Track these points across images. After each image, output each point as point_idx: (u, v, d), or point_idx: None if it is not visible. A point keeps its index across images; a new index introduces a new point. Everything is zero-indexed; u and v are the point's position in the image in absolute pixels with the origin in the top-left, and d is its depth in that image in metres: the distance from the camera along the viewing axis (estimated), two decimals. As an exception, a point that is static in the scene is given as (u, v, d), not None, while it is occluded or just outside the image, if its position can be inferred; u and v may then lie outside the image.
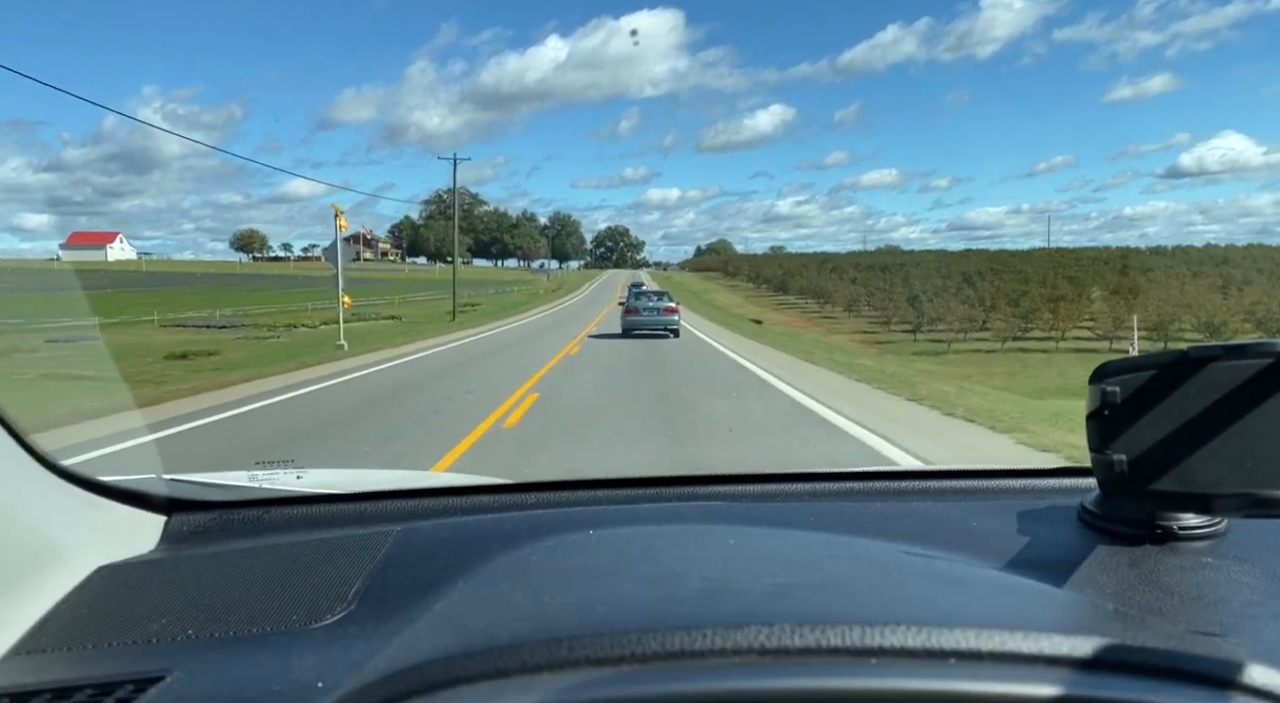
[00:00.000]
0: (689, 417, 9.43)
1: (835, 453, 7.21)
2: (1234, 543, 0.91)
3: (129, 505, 1.07)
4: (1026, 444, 7.59)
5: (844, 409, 9.76)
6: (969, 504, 1.15)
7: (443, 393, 11.59)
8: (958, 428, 8.76)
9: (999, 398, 12.99)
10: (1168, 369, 0.81)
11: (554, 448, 7.46)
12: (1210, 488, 0.79)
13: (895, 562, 0.84)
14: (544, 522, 1.04)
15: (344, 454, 7.19)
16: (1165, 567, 0.86)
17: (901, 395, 11.47)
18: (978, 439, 8.03)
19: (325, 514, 1.17)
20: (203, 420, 9.07)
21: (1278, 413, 0.76)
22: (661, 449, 7.41)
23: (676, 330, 23.93)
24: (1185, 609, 0.77)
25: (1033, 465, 1.36)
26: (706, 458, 6.92)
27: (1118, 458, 0.83)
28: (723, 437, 8.07)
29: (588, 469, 6.22)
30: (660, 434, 8.27)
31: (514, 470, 5.99)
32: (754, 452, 7.29)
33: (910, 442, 7.60)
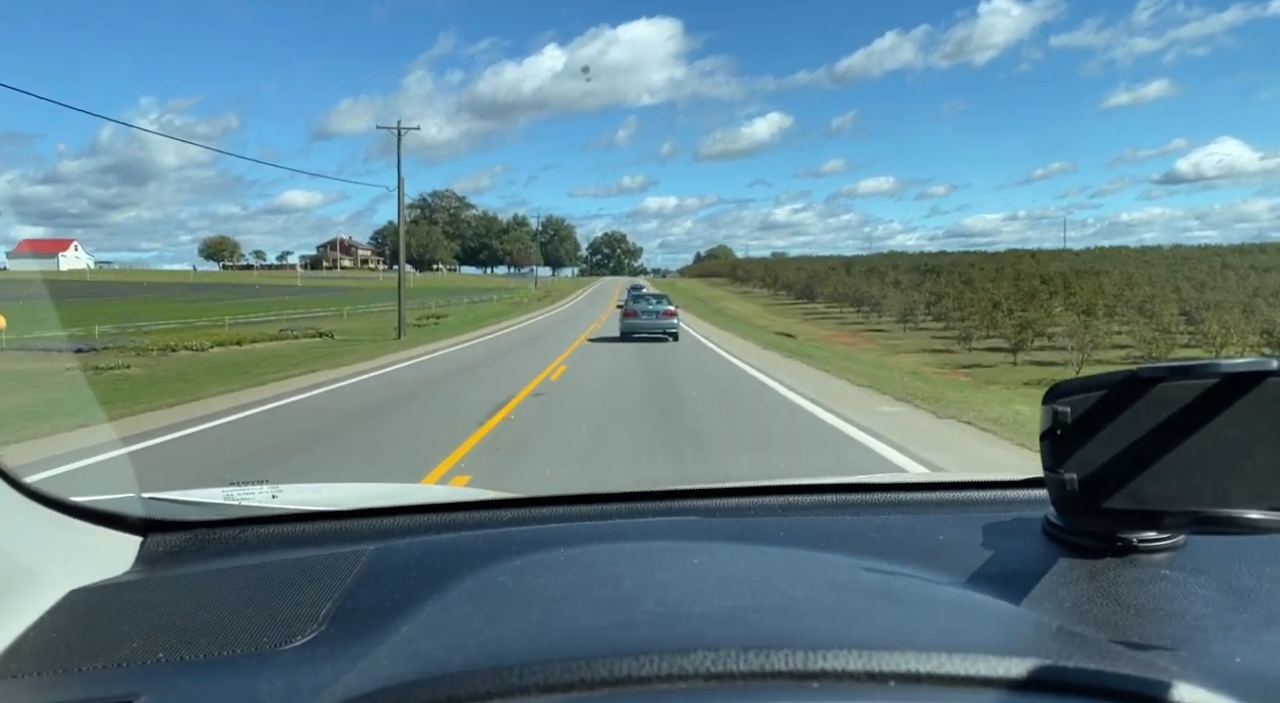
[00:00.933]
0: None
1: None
2: (1192, 555, 0.93)
3: (104, 526, 1.06)
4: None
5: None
6: (937, 517, 1.16)
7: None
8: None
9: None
10: (1118, 389, 0.83)
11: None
12: (1160, 505, 0.81)
13: (851, 581, 0.86)
14: (515, 540, 1.05)
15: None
16: (1124, 580, 0.88)
17: None
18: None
19: (301, 533, 1.16)
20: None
21: (1224, 432, 0.78)
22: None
23: (676, 334, 23.92)
24: (1139, 623, 0.79)
25: (1007, 477, 1.35)
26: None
27: (1069, 477, 0.85)
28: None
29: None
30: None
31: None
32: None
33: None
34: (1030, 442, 7.75)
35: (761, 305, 61.03)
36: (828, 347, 28.14)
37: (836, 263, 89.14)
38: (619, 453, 7.66)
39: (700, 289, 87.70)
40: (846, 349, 28.93)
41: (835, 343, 32.66)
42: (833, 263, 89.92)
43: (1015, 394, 15.61)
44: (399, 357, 19.72)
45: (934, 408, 10.62)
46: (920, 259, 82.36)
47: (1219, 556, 0.94)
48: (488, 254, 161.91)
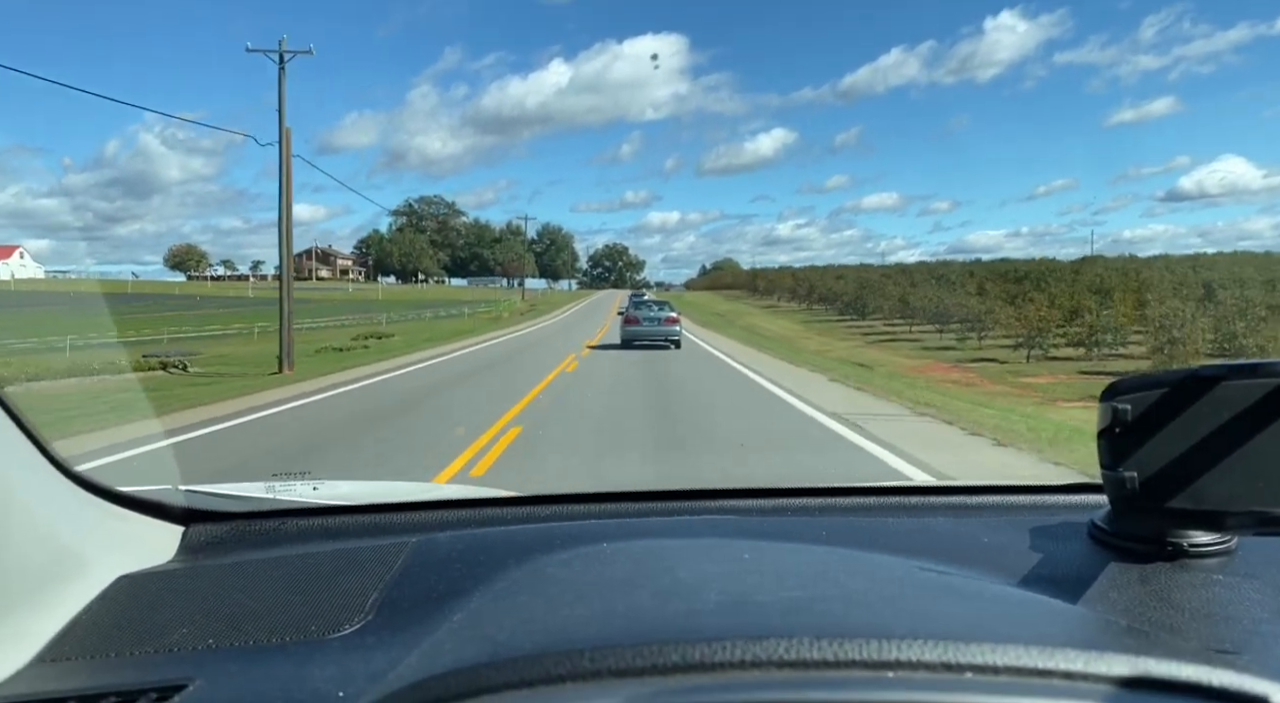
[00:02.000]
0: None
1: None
2: (1244, 560, 0.92)
3: (148, 516, 1.09)
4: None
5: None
6: (981, 520, 1.16)
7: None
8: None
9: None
10: (1177, 387, 0.82)
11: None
12: (1221, 506, 0.80)
13: (910, 577, 0.86)
14: (558, 534, 1.05)
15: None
16: (1176, 584, 0.87)
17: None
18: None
19: (341, 526, 1.18)
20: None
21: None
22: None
23: (678, 341, 23.94)
24: (1196, 626, 0.78)
25: (1044, 482, 1.33)
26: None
27: (1129, 475, 0.84)
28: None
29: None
30: None
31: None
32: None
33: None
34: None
35: (798, 322, 49.85)
36: (939, 388, 17.03)
37: (891, 270, 77.02)
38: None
39: (715, 302, 76.60)
40: (970, 391, 17.65)
41: (942, 380, 21.06)
42: (886, 270, 77.94)
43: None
44: (225, 410, 11.43)
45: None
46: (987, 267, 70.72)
47: (1270, 561, 0.91)
48: (479, 264, 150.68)
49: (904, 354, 31.40)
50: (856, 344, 35.56)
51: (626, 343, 23.87)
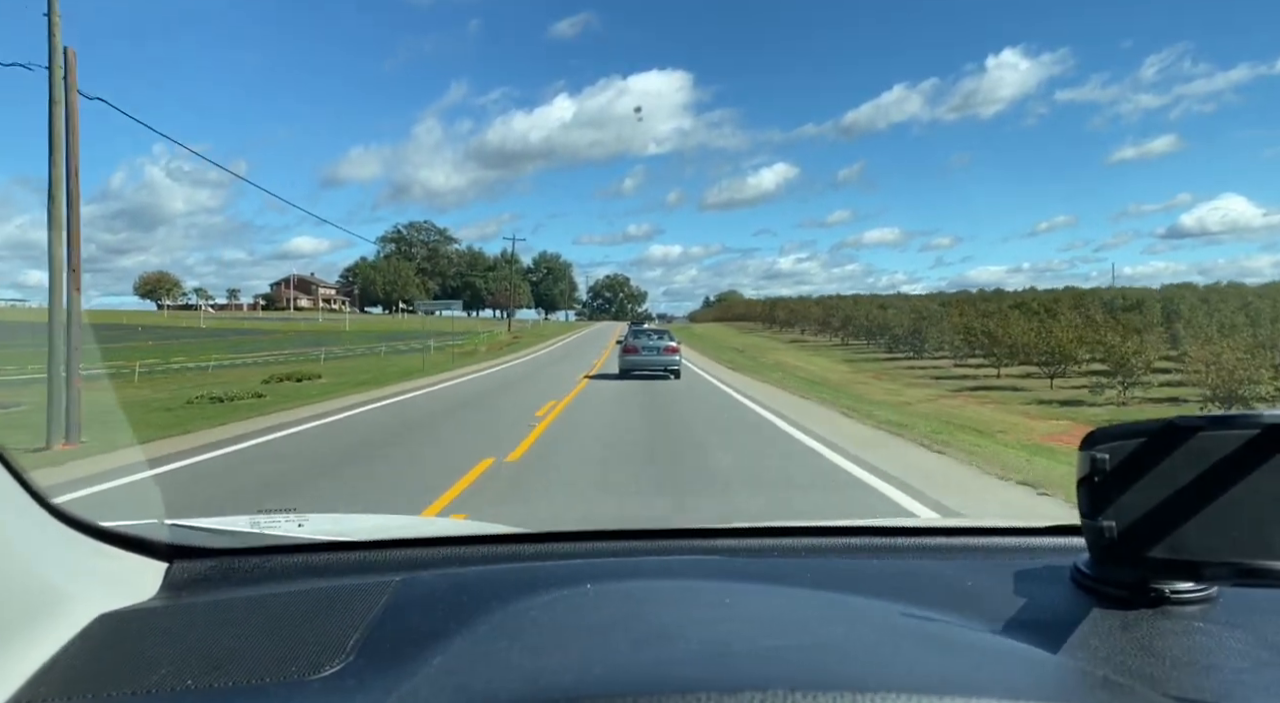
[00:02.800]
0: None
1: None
2: (1226, 608, 0.93)
3: (131, 551, 1.08)
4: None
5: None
6: (963, 562, 1.16)
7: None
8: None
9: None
10: (1156, 437, 0.83)
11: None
12: (1199, 556, 0.81)
13: (888, 623, 0.87)
14: (541, 575, 1.06)
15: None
16: (1158, 631, 0.88)
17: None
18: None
19: (326, 563, 1.18)
20: None
21: (1265, 484, 0.78)
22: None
23: (678, 371, 23.13)
24: (1177, 676, 0.78)
25: (1029, 524, 1.35)
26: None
27: (1108, 525, 0.85)
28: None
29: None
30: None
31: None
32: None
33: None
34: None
35: (840, 361, 40.87)
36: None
37: (948, 299, 67.55)
38: None
39: (728, 335, 67.71)
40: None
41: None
42: (942, 299, 68.27)
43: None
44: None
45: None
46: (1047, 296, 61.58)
47: (1253, 609, 0.93)
48: (471, 294, 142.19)
49: (1016, 409, 22.31)
50: (935, 392, 26.51)
51: (625, 372, 22.95)
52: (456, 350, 46.23)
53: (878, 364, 38.41)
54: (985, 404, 23.81)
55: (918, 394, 25.62)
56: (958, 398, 24.95)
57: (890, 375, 32.61)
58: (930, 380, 30.91)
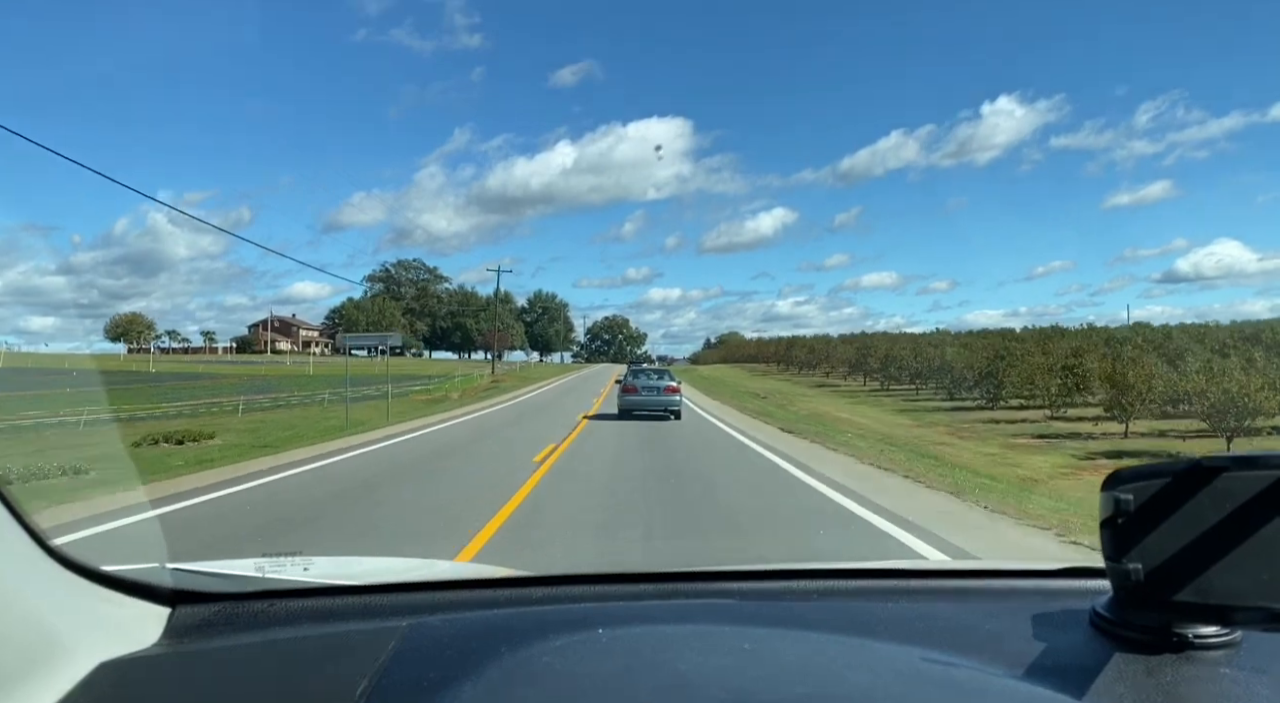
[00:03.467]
0: None
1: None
2: (1251, 653, 0.90)
3: (133, 597, 1.05)
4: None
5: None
6: (982, 605, 1.15)
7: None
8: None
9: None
10: (1180, 478, 0.81)
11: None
12: (1228, 600, 0.79)
13: (912, 669, 0.86)
14: (551, 619, 1.04)
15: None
16: (1182, 677, 0.85)
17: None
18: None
19: (332, 607, 1.15)
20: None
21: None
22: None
23: (678, 412, 22.10)
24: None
25: (1044, 565, 1.33)
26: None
27: (1134, 567, 0.83)
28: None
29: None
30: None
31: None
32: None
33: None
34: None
35: (892, 410, 32.94)
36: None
37: (1027, 335, 55.82)
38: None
39: (741, 377, 60.10)
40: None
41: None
42: (1022, 335, 55.96)
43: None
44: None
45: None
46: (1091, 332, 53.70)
47: (1277, 654, 0.90)
48: (462, 335, 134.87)
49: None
50: (1060, 459, 18.66)
51: (624, 413, 22.13)
52: (424, 397, 38.83)
53: (944, 415, 30.71)
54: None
55: (1041, 463, 18.00)
56: (1101, 470, 17.33)
57: (972, 432, 25.07)
58: (1034, 439, 23.31)
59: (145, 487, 11.01)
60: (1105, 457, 20.01)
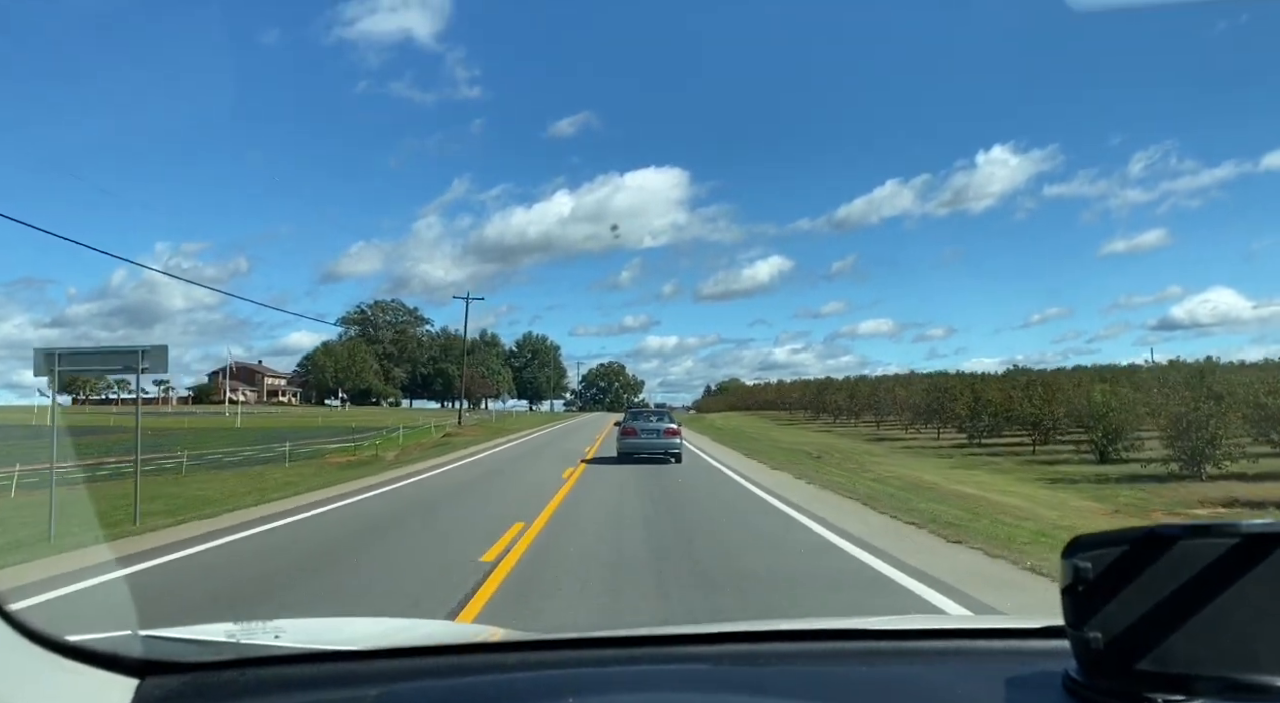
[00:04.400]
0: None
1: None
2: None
3: (100, 668, 1.02)
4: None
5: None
6: (956, 667, 1.15)
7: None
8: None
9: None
10: (1136, 545, 0.82)
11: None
12: (1188, 669, 0.79)
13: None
14: (521, 688, 1.06)
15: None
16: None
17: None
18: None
19: (303, 676, 1.14)
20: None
21: (1250, 594, 0.77)
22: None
23: (679, 455, 21.21)
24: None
25: (1020, 623, 1.31)
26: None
27: (1093, 635, 0.84)
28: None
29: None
30: None
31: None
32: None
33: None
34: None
35: (1029, 479, 21.63)
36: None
37: (1168, 369, 40.19)
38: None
39: (767, 427, 49.32)
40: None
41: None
42: (1168, 370, 40.56)
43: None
44: None
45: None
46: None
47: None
48: (443, 382, 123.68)
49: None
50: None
51: (624, 455, 21.17)
52: (344, 457, 27.98)
53: (1108, 488, 19.44)
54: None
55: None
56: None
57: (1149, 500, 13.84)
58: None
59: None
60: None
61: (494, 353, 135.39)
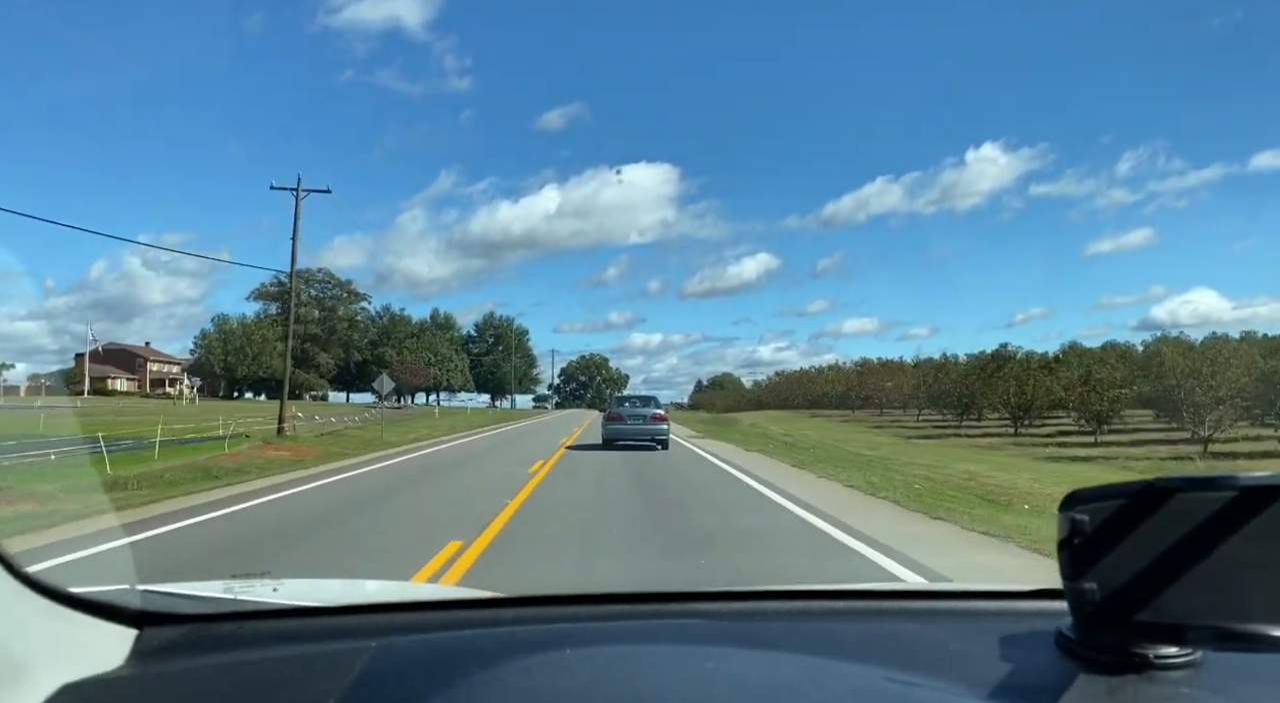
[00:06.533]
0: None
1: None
2: (1210, 674, 0.93)
3: (99, 618, 1.05)
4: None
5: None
6: (947, 626, 1.19)
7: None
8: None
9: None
10: (1135, 499, 0.84)
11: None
12: (1183, 619, 0.81)
13: (873, 688, 0.89)
14: (520, 640, 1.07)
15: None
16: (1142, 697, 0.88)
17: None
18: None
19: (301, 629, 1.16)
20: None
21: (1245, 547, 0.78)
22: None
23: (665, 442, 21.47)
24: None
25: (1012, 587, 1.35)
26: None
27: (1089, 587, 0.86)
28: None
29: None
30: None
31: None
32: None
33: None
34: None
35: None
36: None
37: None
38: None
39: (795, 424, 28.61)
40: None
41: None
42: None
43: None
44: None
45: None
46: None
47: (1237, 675, 0.93)
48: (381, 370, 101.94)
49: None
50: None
51: (609, 442, 21.38)
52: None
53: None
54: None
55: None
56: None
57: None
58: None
59: None
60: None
61: (446, 337, 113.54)
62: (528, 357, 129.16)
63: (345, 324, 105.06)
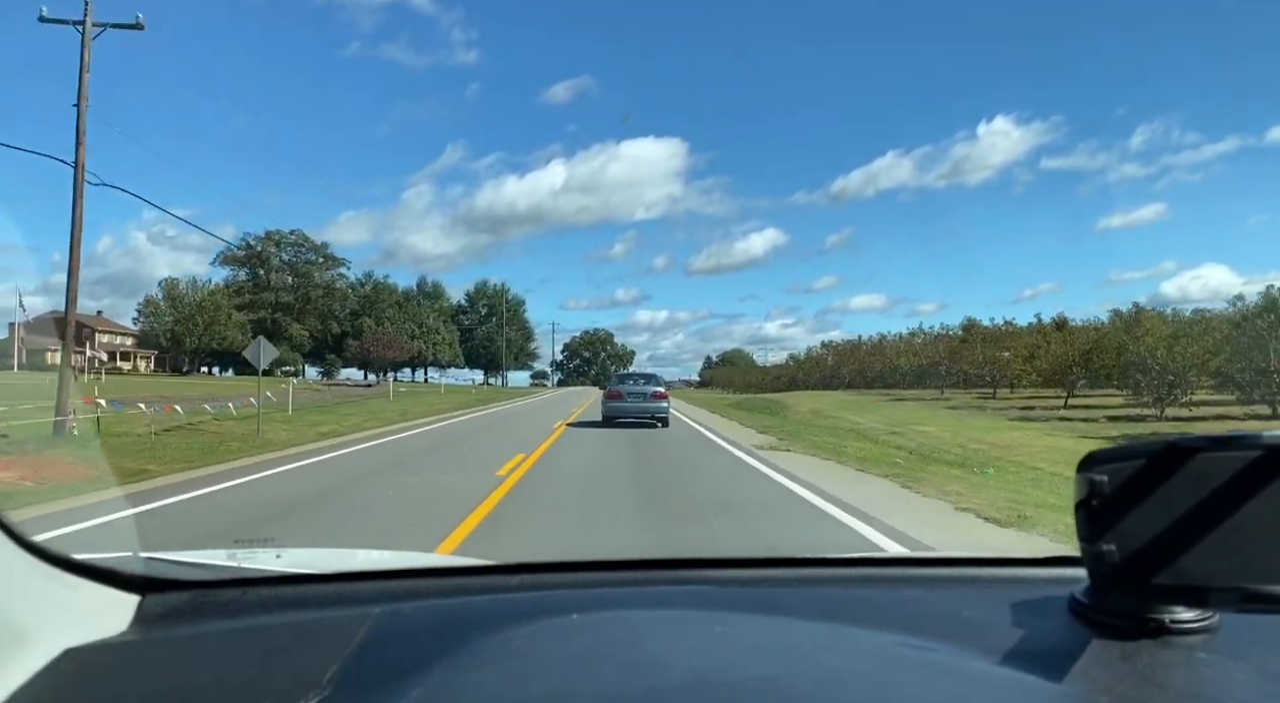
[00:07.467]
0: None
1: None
2: (1227, 638, 0.92)
3: (102, 584, 1.06)
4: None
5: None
6: (959, 593, 1.19)
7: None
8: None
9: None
10: (1155, 459, 0.83)
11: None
12: (1203, 581, 0.80)
13: (887, 653, 0.88)
14: (526, 606, 1.07)
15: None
16: (1159, 662, 0.87)
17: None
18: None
19: (304, 595, 1.17)
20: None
21: (1268, 507, 0.77)
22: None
23: (665, 419, 21.63)
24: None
25: (1022, 554, 1.36)
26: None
27: (1108, 549, 0.84)
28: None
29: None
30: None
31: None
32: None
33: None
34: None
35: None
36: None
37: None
38: None
39: (929, 416, 22.47)
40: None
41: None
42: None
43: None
44: None
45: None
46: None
47: (1255, 639, 0.92)
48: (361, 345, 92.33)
49: None
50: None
51: (608, 420, 21.62)
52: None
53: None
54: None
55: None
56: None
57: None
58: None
59: None
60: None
61: (434, 307, 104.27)
62: (524, 329, 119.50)
63: (321, 292, 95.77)
